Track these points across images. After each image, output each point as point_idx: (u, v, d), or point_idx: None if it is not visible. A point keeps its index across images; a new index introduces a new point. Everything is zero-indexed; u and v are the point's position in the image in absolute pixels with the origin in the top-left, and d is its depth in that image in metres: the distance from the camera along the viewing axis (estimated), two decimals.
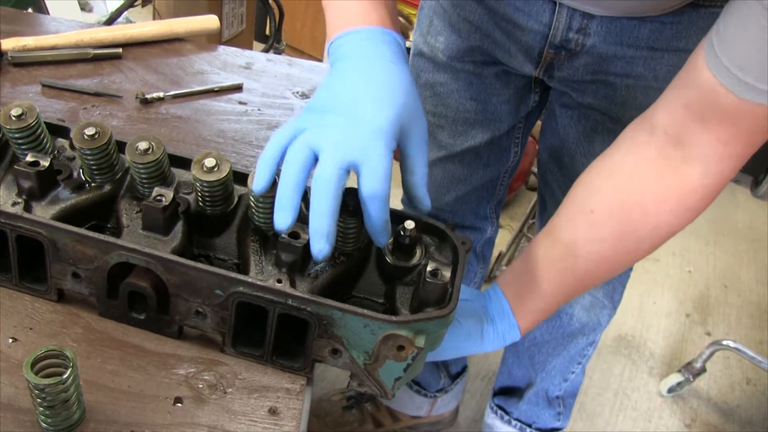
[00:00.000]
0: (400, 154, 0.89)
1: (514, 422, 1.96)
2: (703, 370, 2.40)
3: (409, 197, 0.91)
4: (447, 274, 0.83)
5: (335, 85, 0.88)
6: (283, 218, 0.80)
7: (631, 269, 1.59)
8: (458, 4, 1.28)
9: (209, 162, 0.87)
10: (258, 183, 0.83)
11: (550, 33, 1.18)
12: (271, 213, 0.87)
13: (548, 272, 1.00)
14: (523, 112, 1.45)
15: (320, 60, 3.37)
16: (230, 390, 0.85)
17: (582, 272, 0.99)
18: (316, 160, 0.81)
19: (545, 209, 1.55)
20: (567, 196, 1.03)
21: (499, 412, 1.98)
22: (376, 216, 0.81)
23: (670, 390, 2.44)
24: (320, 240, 0.79)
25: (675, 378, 2.43)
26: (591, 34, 1.16)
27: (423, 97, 1.44)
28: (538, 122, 1.57)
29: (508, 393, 1.97)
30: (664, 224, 0.94)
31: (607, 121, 1.27)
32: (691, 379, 2.41)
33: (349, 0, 0.95)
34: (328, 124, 0.83)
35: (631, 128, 0.97)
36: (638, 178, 0.94)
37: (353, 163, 0.80)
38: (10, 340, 0.85)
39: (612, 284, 1.59)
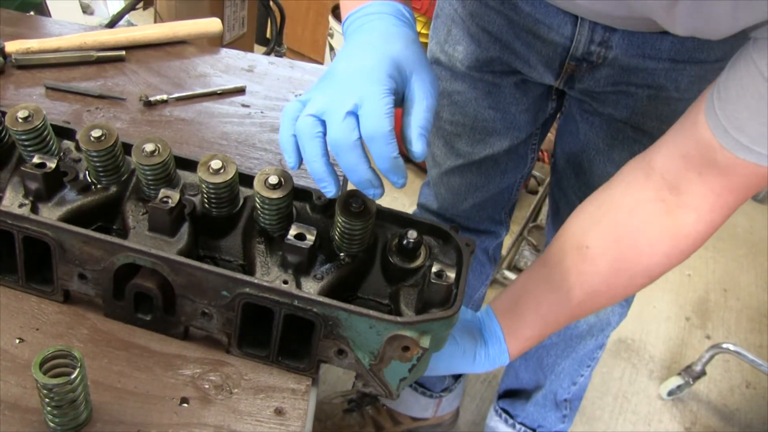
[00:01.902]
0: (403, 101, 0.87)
1: (518, 426, 1.96)
2: (702, 373, 2.41)
3: (402, 138, 0.87)
4: (452, 275, 0.83)
5: (337, 57, 0.89)
6: (327, 188, 0.83)
7: None
8: (478, 15, 1.28)
9: (215, 164, 0.88)
10: (289, 162, 0.85)
11: (571, 46, 1.18)
12: (277, 215, 0.88)
13: (542, 302, 1.02)
14: (541, 119, 1.45)
15: (321, 63, 3.38)
16: (236, 390, 0.85)
17: (575, 304, 1.01)
18: (322, 122, 0.82)
19: (558, 213, 1.55)
20: (563, 228, 1.04)
21: (504, 415, 1.98)
22: (380, 155, 0.80)
23: (670, 393, 2.45)
24: (369, 188, 0.82)
25: (675, 381, 2.43)
26: (613, 46, 1.16)
27: (440, 105, 1.44)
28: None
29: (514, 395, 1.97)
30: (656, 264, 0.97)
31: (628, 129, 1.27)
32: (691, 383, 2.41)
33: None
34: (324, 88, 0.84)
35: (630, 166, 0.99)
36: (635, 218, 0.96)
37: (352, 111, 0.80)
38: (17, 341, 0.85)
39: None
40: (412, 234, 0.88)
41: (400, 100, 0.86)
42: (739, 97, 0.81)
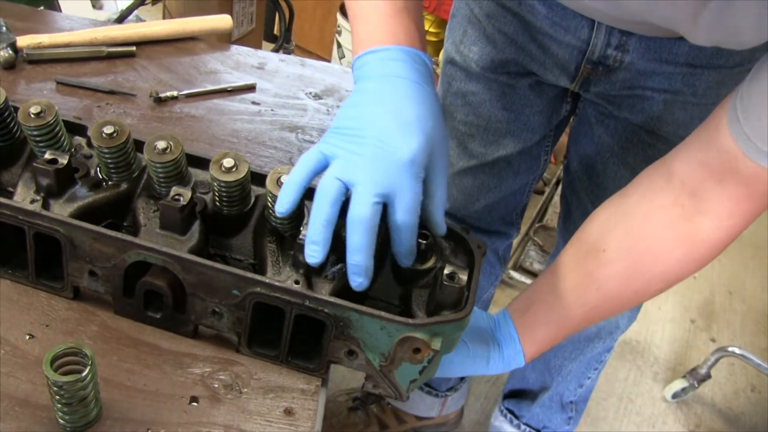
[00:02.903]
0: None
1: (523, 427, 1.95)
2: (707, 376, 2.40)
3: (425, 220, 0.89)
4: (464, 277, 0.83)
5: (362, 108, 0.87)
6: (314, 252, 0.82)
7: None
8: (493, 16, 1.27)
9: (228, 162, 0.87)
10: (282, 205, 0.84)
11: (588, 49, 1.17)
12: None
13: (556, 305, 1.02)
14: (555, 121, 1.44)
15: (328, 60, 3.37)
16: (246, 390, 0.85)
17: (589, 308, 1.00)
18: (346, 189, 0.82)
19: (569, 215, 1.55)
20: (580, 231, 1.03)
21: (509, 415, 1.98)
22: (404, 244, 0.84)
23: (675, 396, 2.44)
24: (360, 275, 0.82)
25: (679, 384, 2.43)
26: (630, 50, 1.15)
27: (454, 105, 1.44)
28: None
29: (519, 396, 1.97)
30: (672, 270, 0.96)
31: (644, 133, 1.26)
32: (696, 385, 2.40)
33: (376, 16, 0.94)
34: (357, 153, 0.83)
35: (649, 171, 0.98)
36: (652, 224, 0.95)
37: (386, 195, 0.81)
38: (27, 337, 0.85)
39: None
40: (424, 238, 0.88)
41: None
42: (763, 105, 0.80)
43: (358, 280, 0.82)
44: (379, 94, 0.88)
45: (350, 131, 0.85)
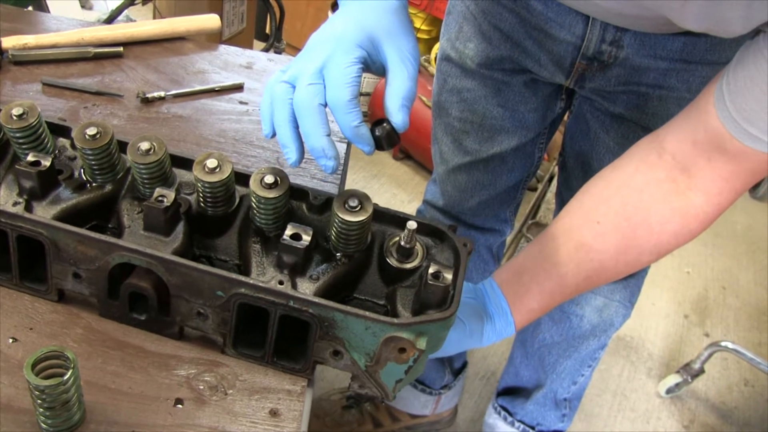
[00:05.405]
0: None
1: (517, 423, 1.95)
2: (701, 371, 2.41)
3: (384, 109, 0.87)
4: (449, 276, 0.83)
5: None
6: (288, 154, 0.84)
7: (647, 270, 1.61)
8: (489, 12, 1.27)
9: (211, 163, 0.87)
10: (264, 129, 0.87)
11: (583, 44, 1.18)
12: (273, 214, 0.88)
13: (549, 275, 1.01)
14: (549, 119, 1.45)
15: None
16: (231, 391, 0.85)
17: (582, 278, 1.01)
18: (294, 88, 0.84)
19: None
20: (572, 203, 1.03)
21: (503, 413, 1.98)
22: (342, 124, 0.82)
23: (669, 391, 2.44)
24: (321, 157, 0.82)
25: (673, 379, 2.43)
26: (624, 46, 1.16)
27: (449, 102, 1.44)
28: None
29: (513, 393, 1.97)
30: (665, 243, 0.98)
31: (640, 130, 1.27)
32: (690, 381, 2.41)
33: None
34: (301, 55, 0.86)
35: (642, 145, 1.00)
36: (646, 196, 0.96)
37: (320, 77, 0.82)
38: (10, 340, 0.85)
39: (630, 288, 1.60)
40: (412, 225, 0.87)
41: (382, 70, 0.86)
42: (749, 89, 0.81)
43: (322, 162, 0.83)
44: (333, 15, 0.90)
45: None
